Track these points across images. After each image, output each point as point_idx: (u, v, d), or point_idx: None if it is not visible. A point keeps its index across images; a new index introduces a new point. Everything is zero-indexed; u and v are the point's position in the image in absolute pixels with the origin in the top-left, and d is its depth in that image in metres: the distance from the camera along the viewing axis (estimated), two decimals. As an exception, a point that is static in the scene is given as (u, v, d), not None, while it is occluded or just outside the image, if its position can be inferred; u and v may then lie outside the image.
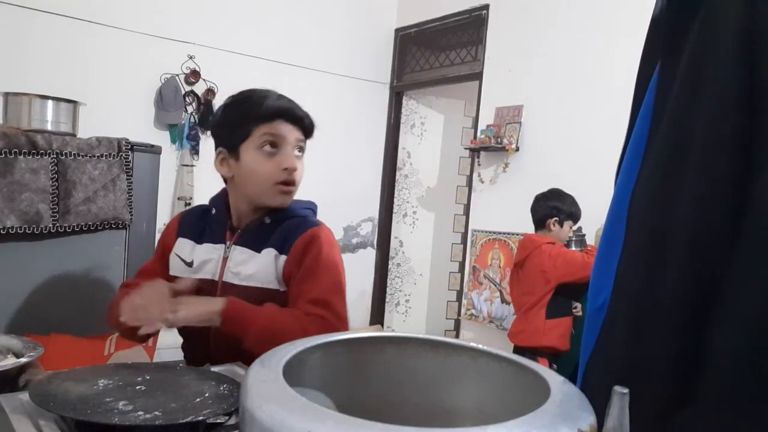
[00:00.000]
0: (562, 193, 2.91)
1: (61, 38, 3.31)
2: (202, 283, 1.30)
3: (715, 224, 0.61)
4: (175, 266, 1.35)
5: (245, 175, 1.28)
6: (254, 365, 0.54)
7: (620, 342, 0.69)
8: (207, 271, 1.32)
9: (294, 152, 1.29)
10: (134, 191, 2.07)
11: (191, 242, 1.35)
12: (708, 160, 0.61)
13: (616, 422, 0.46)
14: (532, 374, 0.58)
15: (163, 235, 1.43)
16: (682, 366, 0.61)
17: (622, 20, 3.13)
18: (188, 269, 1.33)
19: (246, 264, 1.28)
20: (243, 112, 1.28)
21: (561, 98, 3.50)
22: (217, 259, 1.31)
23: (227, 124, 1.30)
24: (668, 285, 0.63)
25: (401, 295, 4.87)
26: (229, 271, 1.29)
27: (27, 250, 1.89)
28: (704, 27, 0.64)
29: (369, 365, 0.67)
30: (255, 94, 1.30)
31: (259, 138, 1.26)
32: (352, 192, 4.50)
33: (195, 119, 3.74)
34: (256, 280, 1.27)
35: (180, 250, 1.35)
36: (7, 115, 2.08)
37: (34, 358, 1.04)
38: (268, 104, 1.27)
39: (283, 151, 1.27)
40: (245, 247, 1.29)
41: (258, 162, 1.26)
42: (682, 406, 0.60)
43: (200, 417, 0.79)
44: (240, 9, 3.92)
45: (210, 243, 1.33)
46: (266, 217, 1.31)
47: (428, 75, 4.49)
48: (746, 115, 0.59)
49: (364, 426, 0.43)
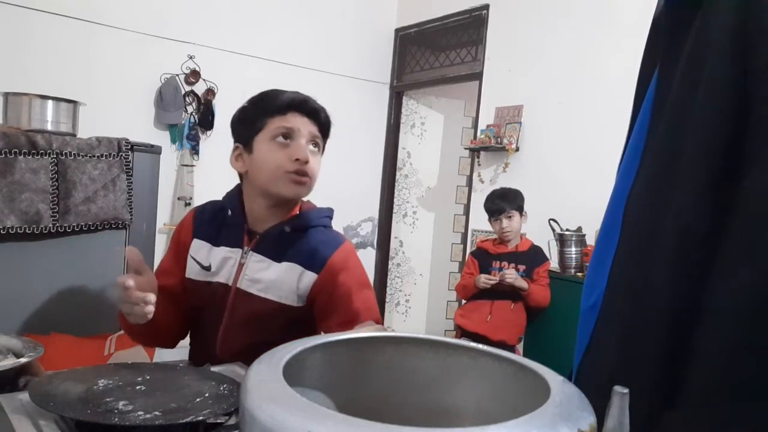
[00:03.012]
0: None
1: (61, 38, 3.31)
2: (215, 286, 1.29)
3: (706, 224, 0.61)
4: (191, 269, 1.32)
5: (257, 165, 1.25)
6: (254, 365, 0.54)
7: (612, 341, 0.69)
8: (222, 276, 1.29)
9: (308, 145, 1.26)
10: (134, 191, 2.07)
11: (207, 245, 1.32)
12: (701, 161, 0.62)
13: (616, 422, 0.46)
14: (532, 374, 0.58)
15: (177, 233, 1.39)
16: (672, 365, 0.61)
17: (623, 20, 3.13)
18: (206, 273, 1.30)
19: (263, 273, 1.25)
20: (258, 105, 1.28)
21: (561, 98, 3.50)
22: (233, 263, 1.28)
23: (243, 119, 1.29)
24: (659, 285, 0.63)
25: (401, 295, 4.86)
26: (245, 279, 1.26)
27: (27, 250, 1.89)
28: (702, 29, 0.64)
29: (369, 365, 0.67)
30: (273, 90, 1.29)
31: (272, 130, 1.24)
32: (352, 192, 4.50)
33: (195, 119, 3.74)
34: (273, 294, 1.24)
35: (196, 252, 1.32)
36: (7, 115, 2.08)
37: (34, 358, 1.04)
38: (282, 97, 1.26)
39: (296, 143, 1.24)
40: (263, 255, 1.27)
41: (270, 151, 1.24)
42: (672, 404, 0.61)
43: (200, 417, 0.79)
44: (240, 9, 3.92)
45: (226, 246, 1.30)
46: (286, 225, 1.28)
47: (428, 75, 4.49)
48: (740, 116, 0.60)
49: (364, 426, 0.43)
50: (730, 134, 0.60)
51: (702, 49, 0.64)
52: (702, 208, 0.61)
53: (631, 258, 0.68)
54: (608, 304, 0.71)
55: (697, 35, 0.65)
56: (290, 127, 1.24)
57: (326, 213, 1.35)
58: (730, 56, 0.61)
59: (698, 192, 0.61)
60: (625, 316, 0.68)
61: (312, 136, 1.27)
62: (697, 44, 0.65)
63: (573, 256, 3.03)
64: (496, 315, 2.98)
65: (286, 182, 1.24)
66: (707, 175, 0.61)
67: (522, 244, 3.10)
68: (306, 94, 1.29)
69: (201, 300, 1.31)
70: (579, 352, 0.76)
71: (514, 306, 2.98)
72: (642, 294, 0.65)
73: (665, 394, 0.62)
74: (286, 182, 1.24)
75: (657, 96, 0.70)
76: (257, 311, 1.24)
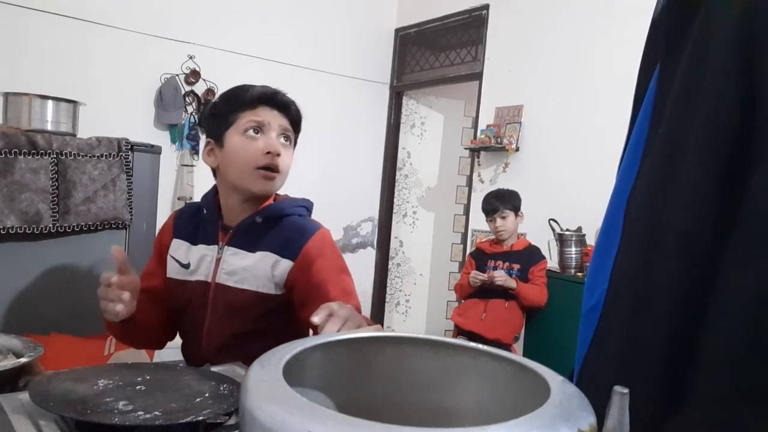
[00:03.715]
0: None
1: (62, 38, 3.31)
2: (195, 284, 1.30)
3: (709, 224, 0.61)
4: (171, 268, 1.34)
5: (228, 160, 1.26)
6: (254, 365, 0.54)
7: (614, 342, 0.69)
8: (201, 273, 1.30)
9: (279, 138, 1.27)
10: (134, 191, 2.07)
11: (186, 243, 1.34)
12: (704, 160, 0.62)
13: (616, 422, 0.46)
14: (532, 374, 0.57)
15: (159, 235, 1.42)
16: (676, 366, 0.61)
17: (623, 20, 3.13)
18: (185, 271, 1.32)
19: (238, 264, 1.27)
20: (229, 100, 1.28)
21: (561, 98, 3.50)
22: (211, 260, 1.30)
23: (215, 114, 1.30)
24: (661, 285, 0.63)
25: (401, 295, 4.87)
26: (222, 272, 1.28)
27: (27, 250, 1.89)
28: (703, 28, 0.64)
29: (369, 365, 0.67)
30: (243, 85, 1.30)
31: (243, 124, 1.24)
32: (352, 192, 4.50)
33: (195, 119, 3.74)
34: (250, 283, 1.25)
35: (175, 251, 1.34)
36: (7, 115, 2.08)
37: (34, 358, 1.04)
38: (252, 91, 1.26)
39: (267, 135, 1.25)
40: (237, 247, 1.28)
41: (241, 145, 1.24)
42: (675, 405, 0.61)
43: (200, 417, 0.79)
44: (240, 9, 3.92)
45: (204, 244, 1.32)
46: (257, 215, 1.29)
47: (428, 75, 4.49)
48: (743, 115, 0.59)
49: (364, 426, 0.43)
50: (733, 133, 0.60)
51: (704, 48, 0.64)
52: (705, 208, 0.61)
53: (633, 258, 0.68)
54: (610, 304, 0.71)
55: (699, 34, 0.65)
56: (260, 121, 1.25)
57: (301, 203, 1.35)
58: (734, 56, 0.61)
59: (701, 191, 0.61)
60: (627, 317, 0.67)
61: (283, 129, 1.28)
62: (699, 43, 0.64)
63: (573, 256, 3.03)
64: (491, 314, 3.01)
65: (255, 178, 1.25)
66: (710, 174, 0.61)
67: (517, 243, 3.13)
68: (275, 88, 1.29)
69: (183, 298, 1.32)
70: (581, 353, 0.76)
71: (508, 305, 3.00)
72: (644, 294, 0.65)
73: (668, 395, 0.61)
74: (255, 178, 1.25)
75: (658, 96, 0.70)
76: (237, 302, 1.25)
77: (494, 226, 3.09)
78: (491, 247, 3.19)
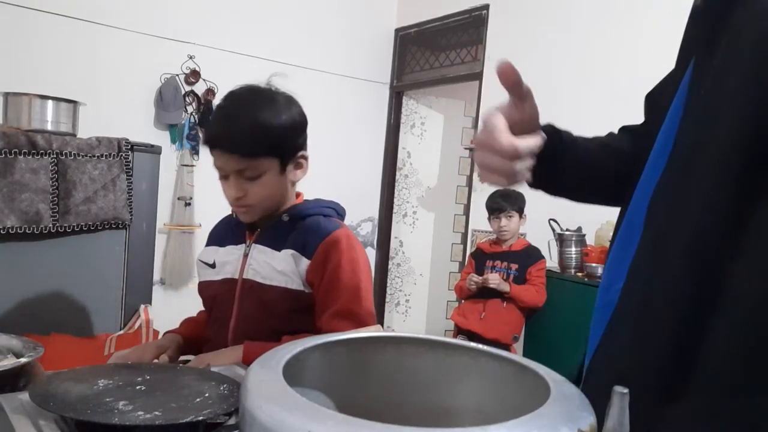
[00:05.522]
0: None
1: (62, 38, 3.31)
2: (222, 282, 1.32)
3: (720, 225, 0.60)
4: (202, 274, 1.38)
5: None
6: (254, 365, 0.54)
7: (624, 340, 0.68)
8: (227, 271, 1.33)
9: (238, 181, 1.23)
10: (134, 191, 2.07)
11: (215, 247, 1.38)
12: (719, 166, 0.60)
13: (616, 422, 0.46)
14: (532, 374, 0.58)
15: None
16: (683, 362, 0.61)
17: (623, 20, 3.13)
18: (212, 271, 1.34)
19: (266, 261, 1.28)
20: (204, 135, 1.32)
21: (561, 98, 3.49)
22: (238, 257, 1.32)
23: None
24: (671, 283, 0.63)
25: (401, 295, 4.86)
26: (250, 269, 1.29)
27: (27, 250, 1.89)
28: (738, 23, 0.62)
29: (369, 365, 0.67)
30: (212, 115, 1.31)
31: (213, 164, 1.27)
32: (352, 192, 4.49)
33: (195, 119, 3.74)
34: (279, 280, 1.26)
35: (203, 256, 1.39)
36: (7, 115, 2.08)
37: (34, 358, 1.04)
38: (209, 132, 1.27)
39: (225, 182, 1.26)
40: (265, 245, 1.30)
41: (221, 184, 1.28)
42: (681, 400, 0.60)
43: (200, 417, 0.79)
44: (240, 9, 3.92)
45: (232, 245, 1.35)
46: (284, 214, 1.31)
47: (428, 75, 4.49)
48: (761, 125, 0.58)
49: (364, 426, 0.43)
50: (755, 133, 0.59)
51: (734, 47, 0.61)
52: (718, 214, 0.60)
53: (648, 254, 0.67)
54: (624, 301, 0.70)
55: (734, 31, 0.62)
56: (219, 166, 1.26)
57: (326, 204, 1.38)
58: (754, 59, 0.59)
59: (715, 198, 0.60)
60: (637, 312, 0.67)
61: (238, 172, 1.22)
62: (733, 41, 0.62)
63: (573, 256, 3.03)
64: (489, 313, 3.03)
65: (236, 209, 1.30)
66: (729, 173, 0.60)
67: (516, 244, 3.14)
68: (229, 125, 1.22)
69: (212, 298, 1.35)
70: (591, 350, 0.75)
71: (505, 305, 3.02)
72: (654, 290, 0.64)
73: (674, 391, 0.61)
74: (236, 209, 1.30)
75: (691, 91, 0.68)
76: (265, 299, 1.26)
77: (498, 226, 3.10)
78: (490, 247, 3.20)
